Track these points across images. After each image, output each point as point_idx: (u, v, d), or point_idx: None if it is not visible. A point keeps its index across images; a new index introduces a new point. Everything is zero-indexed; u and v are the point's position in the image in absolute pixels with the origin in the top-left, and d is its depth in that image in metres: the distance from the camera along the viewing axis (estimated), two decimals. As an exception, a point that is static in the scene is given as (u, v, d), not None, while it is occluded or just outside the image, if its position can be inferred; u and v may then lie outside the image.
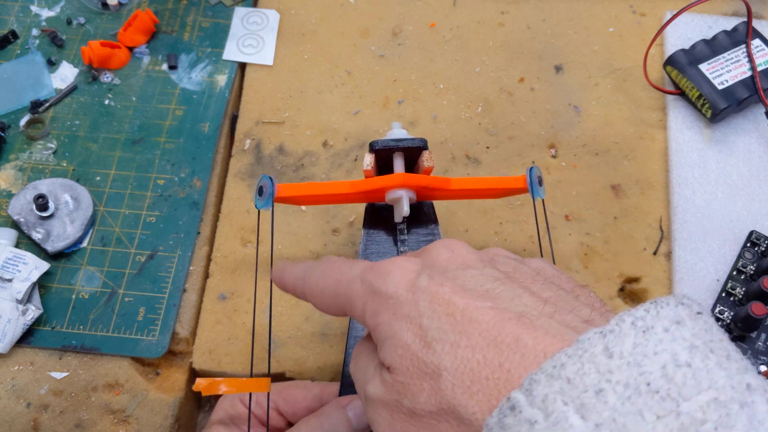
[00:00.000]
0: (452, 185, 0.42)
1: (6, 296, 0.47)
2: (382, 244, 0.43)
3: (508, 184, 0.43)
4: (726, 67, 0.55)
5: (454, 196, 0.44)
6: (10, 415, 0.46)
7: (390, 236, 0.43)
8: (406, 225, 0.43)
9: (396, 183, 0.40)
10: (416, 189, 0.41)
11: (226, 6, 0.62)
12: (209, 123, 0.56)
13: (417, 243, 0.43)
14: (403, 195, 0.40)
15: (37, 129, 0.56)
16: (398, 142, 0.42)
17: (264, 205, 0.41)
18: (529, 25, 0.61)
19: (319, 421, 0.36)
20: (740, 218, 0.51)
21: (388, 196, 0.41)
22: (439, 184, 0.41)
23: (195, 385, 0.35)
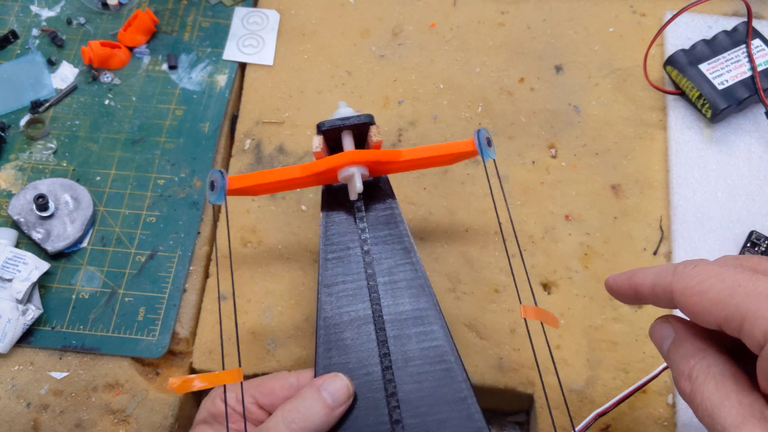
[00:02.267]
0: (402, 156, 0.42)
1: (6, 296, 0.47)
2: (342, 224, 0.43)
3: (458, 149, 0.43)
4: (726, 67, 0.55)
5: (407, 167, 0.44)
6: (10, 415, 0.46)
7: (349, 215, 0.43)
8: (363, 202, 0.43)
9: (345, 160, 0.41)
10: (367, 164, 0.41)
11: (226, 6, 0.62)
12: (209, 123, 0.56)
13: (376, 218, 0.43)
14: (355, 172, 0.41)
15: (37, 129, 0.56)
16: (345, 120, 0.42)
17: (216, 199, 0.41)
18: (529, 25, 0.61)
19: (294, 404, 0.36)
20: (740, 218, 0.51)
21: (340, 175, 0.41)
22: (389, 157, 0.41)
23: (169, 384, 0.35)
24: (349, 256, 0.42)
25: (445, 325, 0.39)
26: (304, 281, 0.50)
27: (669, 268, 0.32)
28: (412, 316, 0.39)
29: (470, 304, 0.50)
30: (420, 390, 0.37)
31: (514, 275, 0.42)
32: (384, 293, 0.40)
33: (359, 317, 0.39)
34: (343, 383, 0.37)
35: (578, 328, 0.49)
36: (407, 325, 0.39)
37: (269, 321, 0.49)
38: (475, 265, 0.51)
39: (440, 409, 0.36)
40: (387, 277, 0.41)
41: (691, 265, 0.31)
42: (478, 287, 0.50)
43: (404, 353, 0.38)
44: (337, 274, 0.41)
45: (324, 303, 0.40)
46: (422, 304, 0.40)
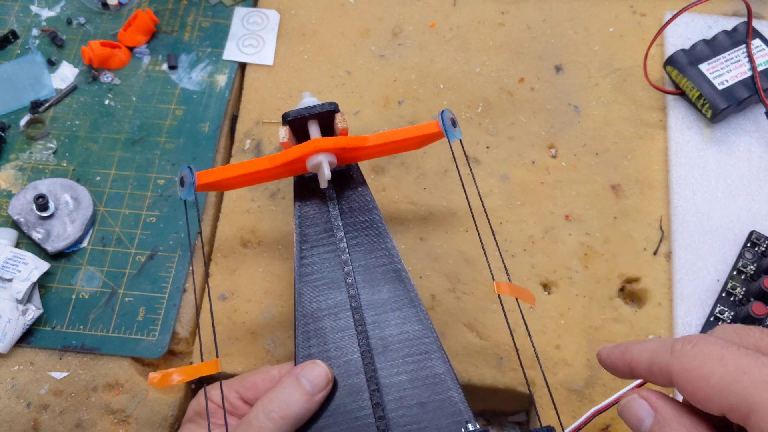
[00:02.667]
0: (369, 142, 0.42)
1: (6, 296, 0.47)
2: (315, 214, 0.43)
3: (423, 131, 0.43)
4: (726, 67, 0.55)
5: (375, 153, 0.45)
6: (10, 415, 0.46)
7: (322, 204, 0.43)
8: (335, 191, 0.44)
9: (311, 149, 0.41)
10: (334, 151, 0.41)
11: (226, 6, 0.62)
12: (209, 123, 0.56)
13: (349, 206, 0.43)
14: (322, 159, 0.41)
15: (37, 129, 0.56)
16: (310, 109, 0.43)
17: (187, 195, 0.41)
18: (529, 25, 0.61)
19: (274, 394, 0.36)
20: (740, 218, 0.51)
21: (308, 163, 0.41)
22: (355, 143, 0.42)
23: (149, 379, 0.35)
24: (324, 245, 0.42)
25: (423, 309, 0.39)
26: (304, 281, 0.50)
27: (666, 346, 0.30)
28: (389, 302, 0.39)
29: (470, 304, 0.50)
30: (399, 374, 0.37)
31: (484, 248, 0.41)
32: (360, 280, 0.40)
33: (336, 305, 0.40)
34: (321, 369, 0.37)
35: (578, 328, 0.49)
36: (385, 310, 0.39)
37: (269, 320, 0.49)
38: (475, 265, 0.51)
39: (420, 392, 0.36)
40: (363, 262, 0.41)
41: (689, 343, 0.29)
42: (478, 287, 0.50)
43: (383, 338, 0.38)
44: (313, 263, 0.41)
45: (301, 293, 0.40)
46: (398, 289, 0.40)
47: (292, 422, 0.36)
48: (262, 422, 0.35)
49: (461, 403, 0.36)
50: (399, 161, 0.54)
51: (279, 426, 0.35)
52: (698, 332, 0.47)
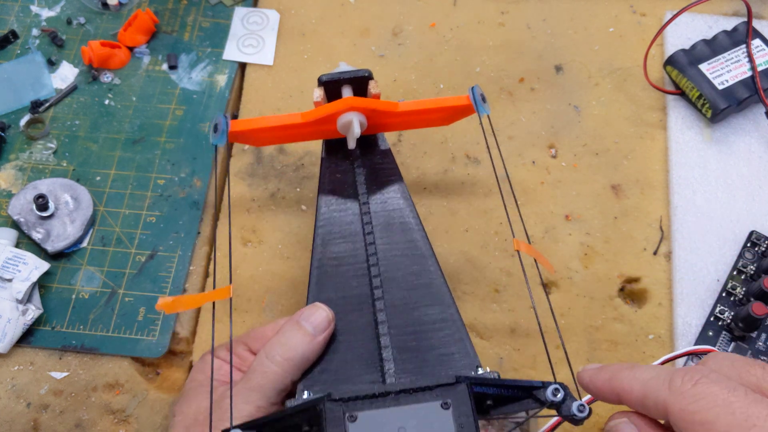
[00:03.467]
0: (399, 108, 0.43)
1: (6, 296, 0.47)
2: (340, 171, 0.44)
3: (454, 102, 0.44)
4: (726, 67, 0.55)
5: (404, 122, 0.46)
6: (10, 414, 0.46)
7: (348, 164, 0.44)
8: (361, 156, 0.45)
9: (344, 106, 0.42)
10: (365, 112, 0.42)
11: (226, 6, 0.62)
12: (209, 123, 0.56)
13: (373, 169, 0.44)
14: (353, 118, 0.42)
15: (37, 129, 0.56)
16: (344, 73, 0.44)
17: (218, 140, 0.42)
18: (529, 25, 0.61)
19: (276, 339, 0.36)
20: (740, 218, 0.51)
21: (339, 122, 0.42)
22: (387, 107, 0.42)
23: (157, 304, 0.34)
24: (346, 201, 0.43)
25: (439, 268, 0.40)
26: (304, 280, 0.50)
27: (662, 379, 0.28)
28: (406, 260, 0.40)
29: (470, 303, 0.49)
30: (412, 327, 0.37)
31: (511, 224, 0.41)
32: (379, 236, 0.41)
33: (353, 257, 0.40)
34: (321, 311, 0.37)
35: (579, 327, 0.49)
36: (401, 266, 0.40)
37: (270, 319, 0.49)
38: (476, 265, 0.51)
39: (432, 345, 0.37)
40: (382, 223, 0.41)
41: (689, 380, 0.27)
42: (479, 287, 0.50)
43: (397, 291, 0.39)
44: (333, 215, 0.42)
45: (319, 244, 0.41)
46: (417, 248, 0.40)
47: (297, 364, 0.35)
48: (266, 366, 0.35)
49: (470, 349, 0.36)
50: (399, 161, 0.54)
51: (284, 368, 0.35)
52: (698, 332, 0.47)
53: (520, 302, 0.49)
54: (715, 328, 0.47)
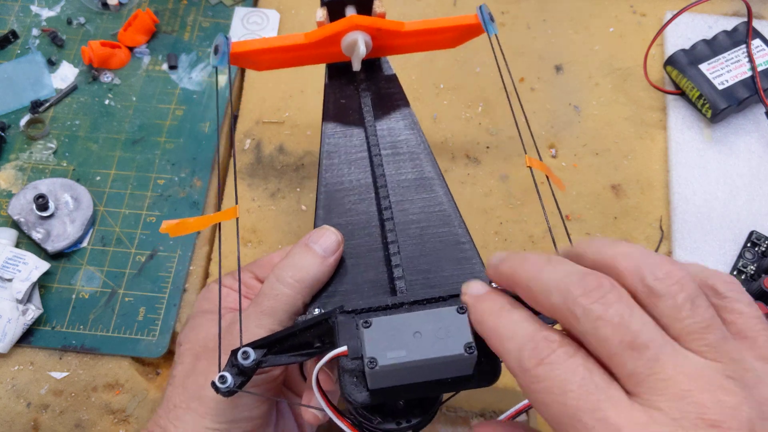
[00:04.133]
0: (405, 28, 0.42)
1: (6, 296, 0.47)
2: (345, 96, 0.43)
3: (462, 21, 0.43)
4: (726, 67, 0.55)
5: (411, 44, 0.44)
6: (10, 414, 0.46)
7: (353, 88, 0.43)
8: (367, 80, 0.43)
9: (349, 24, 0.40)
10: (370, 31, 0.41)
11: (226, 6, 0.62)
12: (209, 123, 0.56)
13: (378, 93, 0.43)
14: (359, 37, 0.40)
15: (37, 129, 0.56)
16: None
17: (219, 62, 0.41)
18: (529, 25, 0.61)
19: (285, 261, 0.35)
20: (740, 218, 0.51)
21: (344, 42, 0.41)
22: (392, 26, 0.41)
23: (161, 227, 0.33)
24: (351, 127, 0.41)
25: (449, 192, 0.39)
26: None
27: (526, 344, 0.25)
28: (414, 184, 0.39)
29: (470, 304, 0.49)
30: (422, 250, 0.36)
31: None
32: (387, 162, 0.40)
33: (360, 183, 0.39)
34: (330, 233, 0.36)
35: (578, 328, 0.49)
36: (410, 191, 0.39)
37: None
38: (476, 265, 0.51)
39: (443, 267, 0.36)
40: (390, 149, 0.40)
41: (535, 358, 0.24)
42: (479, 287, 0.50)
43: (405, 216, 0.38)
44: (339, 142, 0.41)
45: (325, 170, 0.40)
46: (426, 173, 0.39)
47: (308, 285, 0.34)
48: (277, 289, 0.34)
49: (481, 267, 0.35)
50: (399, 161, 0.54)
51: (295, 290, 0.34)
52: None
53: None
54: (715, 328, 0.47)
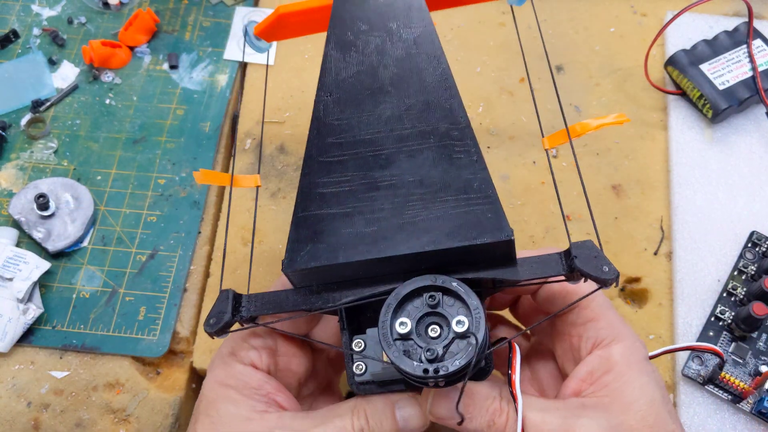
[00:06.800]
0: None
1: (7, 295, 0.47)
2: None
3: None
4: (727, 68, 0.55)
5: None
6: (11, 414, 0.46)
7: None
8: None
9: None
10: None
11: (227, 6, 0.62)
12: (210, 122, 0.56)
13: None
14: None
15: (38, 128, 0.56)
16: None
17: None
18: (529, 25, 0.61)
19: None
20: (741, 218, 0.51)
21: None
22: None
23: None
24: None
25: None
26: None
27: None
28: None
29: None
30: None
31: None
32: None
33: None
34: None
35: (579, 328, 0.49)
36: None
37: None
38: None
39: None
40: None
41: None
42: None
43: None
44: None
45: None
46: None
47: None
48: None
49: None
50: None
51: None
52: (699, 332, 0.47)
53: (521, 302, 0.49)
54: (716, 328, 0.47)
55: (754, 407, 0.44)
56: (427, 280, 0.31)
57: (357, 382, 0.33)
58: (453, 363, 0.29)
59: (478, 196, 0.33)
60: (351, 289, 0.32)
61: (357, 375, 0.33)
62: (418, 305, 0.31)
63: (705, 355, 0.46)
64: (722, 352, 0.40)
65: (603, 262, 0.32)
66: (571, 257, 0.32)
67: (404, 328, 0.30)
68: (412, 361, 0.29)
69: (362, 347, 0.32)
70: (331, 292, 0.33)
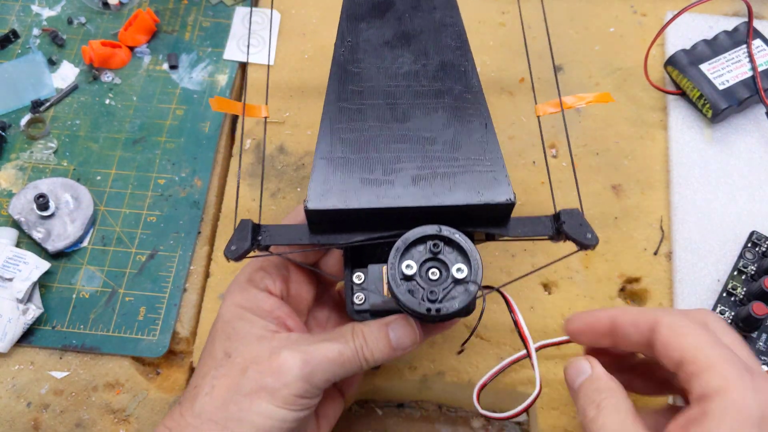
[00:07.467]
0: None
1: (6, 296, 0.47)
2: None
3: None
4: (727, 67, 0.55)
5: None
6: (11, 414, 0.46)
7: None
8: None
9: None
10: None
11: (226, 6, 0.62)
12: (210, 122, 0.56)
13: None
14: None
15: (37, 128, 0.56)
16: None
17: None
18: (529, 25, 0.61)
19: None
20: (741, 218, 0.51)
21: None
22: None
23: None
24: None
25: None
26: (304, 281, 0.50)
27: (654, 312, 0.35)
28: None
29: (471, 303, 0.49)
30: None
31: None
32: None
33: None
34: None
35: (579, 328, 0.49)
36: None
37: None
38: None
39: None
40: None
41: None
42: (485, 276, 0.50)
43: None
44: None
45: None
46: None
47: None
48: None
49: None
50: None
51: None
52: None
53: (521, 303, 0.49)
54: (716, 329, 0.47)
55: (753, 407, 0.44)
56: (433, 229, 0.34)
57: (355, 311, 0.37)
58: (452, 305, 0.33)
59: (486, 159, 0.36)
60: (361, 231, 0.36)
61: (357, 304, 0.37)
62: (422, 251, 0.35)
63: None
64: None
65: (587, 230, 0.36)
66: (560, 221, 0.36)
67: (410, 270, 0.34)
68: (416, 300, 0.34)
69: (362, 280, 0.37)
70: (342, 231, 0.36)
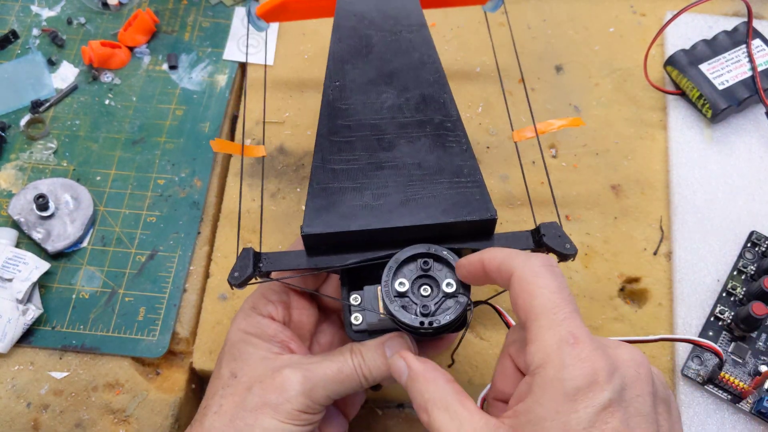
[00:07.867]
0: None
1: (6, 296, 0.47)
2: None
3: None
4: (726, 67, 0.55)
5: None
6: (11, 414, 0.46)
7: None
8: None
9: None
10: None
11: (226, 6, 0.62)
12: (209, 123, 0.56)
13: None
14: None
15: (37, 129, 0.56)
16: None
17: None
18: (529, 25, 0.61)
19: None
20: (741, 218, 0.51)
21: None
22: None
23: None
24: None
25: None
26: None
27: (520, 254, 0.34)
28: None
29: (470, 304, 0.49)
30: None
31: None
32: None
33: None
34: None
35: (578, 328, 0.49)
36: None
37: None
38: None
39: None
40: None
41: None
42: (478, 287, 0.50)
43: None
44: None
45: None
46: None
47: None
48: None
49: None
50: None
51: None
52: (698, 332, 0.47)
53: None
54: (716, 328, 0.47)
55: (753, 407, 0.44)
56: (422, 248, 0.36)
57: (354, 331, 0.38)
58: (444, 317, 0.35)
59: (468, 180, 0.39)
60: (355, 252, 0.37)
61: (354, 324, 0.38)
62: (413, 269, 0.36)
63: (704, 355, 0.46)
64: (721, 352, 0.40)
65: (566, 240, 0.37)
66: (540, 234, 0.37)
67: (402, 287, 0.35)
68: (409, 314, 0.35)
69: (359, 301, 0.38)
70: (338, 254, 0.38)
